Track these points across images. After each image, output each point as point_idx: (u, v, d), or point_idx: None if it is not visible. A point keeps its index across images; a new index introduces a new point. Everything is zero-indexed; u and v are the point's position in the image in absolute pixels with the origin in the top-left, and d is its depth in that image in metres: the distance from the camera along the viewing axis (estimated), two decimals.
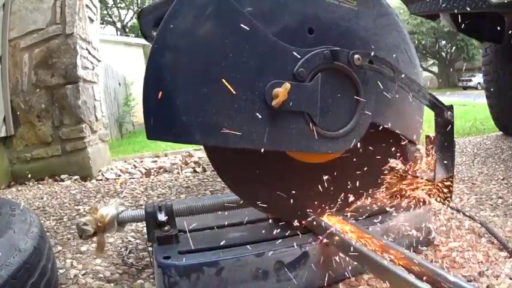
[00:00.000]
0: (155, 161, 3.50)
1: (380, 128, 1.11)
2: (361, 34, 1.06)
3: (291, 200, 1.08)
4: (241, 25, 0.91)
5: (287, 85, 0.92)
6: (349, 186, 1.15)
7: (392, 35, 1.11)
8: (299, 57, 0.97)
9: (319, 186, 1.11)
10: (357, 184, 1.16)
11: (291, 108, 0.96)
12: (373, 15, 1.08)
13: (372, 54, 1.02)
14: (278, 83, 0.93)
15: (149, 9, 1.08)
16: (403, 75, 1.04)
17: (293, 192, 1.08)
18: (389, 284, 0.84)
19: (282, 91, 0.91)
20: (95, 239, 1.16)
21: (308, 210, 1.11)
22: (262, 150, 0.96)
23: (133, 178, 2.86)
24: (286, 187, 1.08)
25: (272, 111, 0.94)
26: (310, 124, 1.00)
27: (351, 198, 1.17)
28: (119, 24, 20.89)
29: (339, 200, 1.15)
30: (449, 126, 1.13)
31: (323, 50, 0.99)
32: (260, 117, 0.94)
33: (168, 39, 0.89)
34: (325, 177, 1.11)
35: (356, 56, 1.00)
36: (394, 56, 1.10)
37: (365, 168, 1.16)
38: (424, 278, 0.80)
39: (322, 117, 1.01)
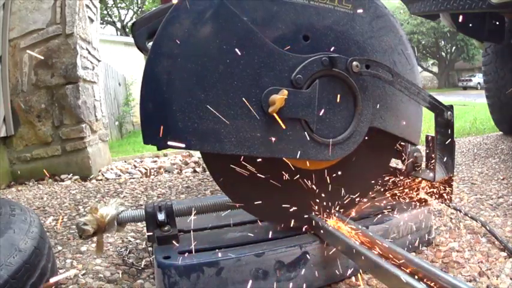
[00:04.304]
0: (155, 161, 3.50)
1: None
2: (357, 38, 1.06)
3: (288, 205, 1.08)
4: (239, 31, 0.91)
5: (284, 92, 0.92)
6: (348, 189, 1.15)
7: (388, 37, 1.10)
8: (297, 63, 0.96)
9: (317, 190, 1.11)
10: (357, 186, 1.16)
11: (288, 115, 0.96)
12: (368, 18, 1.07)
13: (370, 59, 1.01)
14: (275, 90, 0.93)
15: (142, 21, 1.07)
16: (401, 79, 1.04)
17: (290, 197, 1.08)
18: (388, 285, 0.84)
19: (279, 98, 0.91)
20: (95, 239, 1.16)
21: (305, 215, 1.11)
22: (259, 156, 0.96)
23: (134, 178, 2.86)
24: (283, 193, 1.08)
25: (269, 118, 0.94)
26: (308, 131, 1.00)
27: (351, 200, 1.17)
28: (118, 24, 20.87)
29: (338, 203, 1.15)
30: (449, 126, 1.13)
31: (321, 56, 0.99)
32: (257, 124, 0.94)
33: (165, 45, 0.89)
34: (324, 180, 1.11)
35: (354, 63, 0.99)
36: (391, 58, 1.10)
37: (364, 170, 1.16)
38: (424, 279, 0.80)
39: (319, 124, 1.01)
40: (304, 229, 1.12)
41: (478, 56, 19.81)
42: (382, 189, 1.36)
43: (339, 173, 1.12)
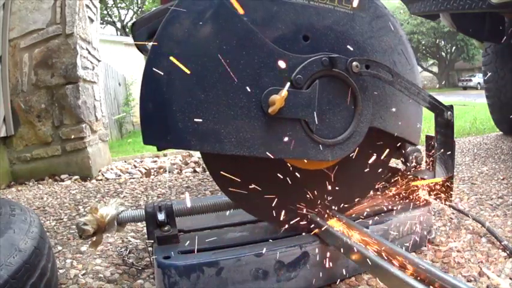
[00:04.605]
0: (155, 161, 3.50)
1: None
2: (357, 38, 1.06)
3: (288, 205, 1.08)
4: (239, 31, 0.91)
5: (284, 92, 0.92)
6: (348, 188, 1.15)
7: (388, 37, 1.10)
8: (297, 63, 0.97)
9: (317, 190, 1.11)
10: (357, 186, 1.16)
11: (287, 116, 0.96)
12: (368, 18, 1.07)
13: (370, 60, 1.01)
14: (275, 90, 0.93)
15: (142, 21, 1.07)
16: (401, 79, 1.04)
17: (289, 197, 1.08)
18: (388, 285, 0.84)
19: (278, 98, 0.91)
20: (95, 238, 1.16)
21: (305, 215, 1.11)
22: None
23: (134, 178, 2.86)
24: (282, 193, 1.07)
25: (269, 118, 0.94)
26: (307, 131, 1.00)
27: (351, 200, 1.17)
28: (118, 24, 20.86)
29: (338, 203, 1.15)
30: (449, 126, 1.13)
31: (321, 56, 0.99)
32: (256, 124, 0.94)
33: (165, 45, 0.89)
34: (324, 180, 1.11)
35: (354, 63, 0.99)
36: (391, 58, 1.10)
37: (363, 170, 1.16)
38: (424, 279, 0.80)
39: (319, 125, 1.01)
40: (304, 228, 1.12)
41: (478, 56, 19.80)
42: (382, 189, 1.36)
43: (339, 173, 1.12)
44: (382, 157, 1.18)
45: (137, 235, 1.55)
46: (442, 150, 1.14)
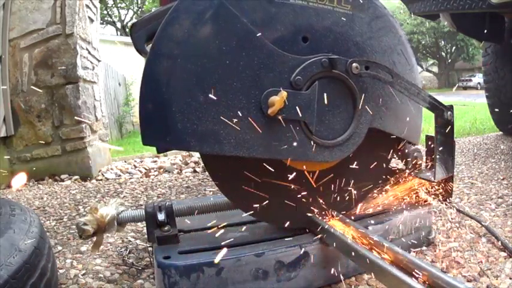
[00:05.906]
0: (155, 161, 3.50)
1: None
2: (356, 39, 1.05)
3: (287, 206, 1.08)
4: (239, 32, 0.91)
5: (283, 93, 0.92)
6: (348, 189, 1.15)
7: (388, 37, 1.10)
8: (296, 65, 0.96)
9: (317, 191, 1.11)
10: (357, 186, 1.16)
11: (287, 117, 0.96)
12: (367, 18, 1.07)
13: (370, 61, 1.01)
14: (274, 91, 0.93)
15: (141, 23, 1.07)
16: (401, 79, 1.04)
17: (289, 198, 1.08)
18: (388, 285, 0.84)
19: (278, 99, 0.91)
20: (95, 238, 1.16)
21: (305, 216, 1.11)
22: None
23: (133, 178, 2.86)
24: (281, 193, 1.07)
25: (268, 119, 0.94)
26: (307, 133, 1.00)
27: (351, 200, 1.17)
28: (118, 24, 20.86)
29: (338, 203, 1.15)
30: (449, 126, 1.13)
31: (320, 58, 0.99)
32: (256, 125, 0.94)
33: (165, 46, 0.89)
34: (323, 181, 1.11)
35: (354, 64, 0.99)
36: (390, 59, 1.10)
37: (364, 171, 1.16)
38: (424, 279, 0.80)
39: (318, 126, 1.01)
40: (304, 228, 1.12)
41: (478, 56, 19.80)
42: (382, 189, 1.36)
43: (339, 173, 1.12)
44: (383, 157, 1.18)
45: (137, 235, 1.55)
46: (441, 150, 1.14)
